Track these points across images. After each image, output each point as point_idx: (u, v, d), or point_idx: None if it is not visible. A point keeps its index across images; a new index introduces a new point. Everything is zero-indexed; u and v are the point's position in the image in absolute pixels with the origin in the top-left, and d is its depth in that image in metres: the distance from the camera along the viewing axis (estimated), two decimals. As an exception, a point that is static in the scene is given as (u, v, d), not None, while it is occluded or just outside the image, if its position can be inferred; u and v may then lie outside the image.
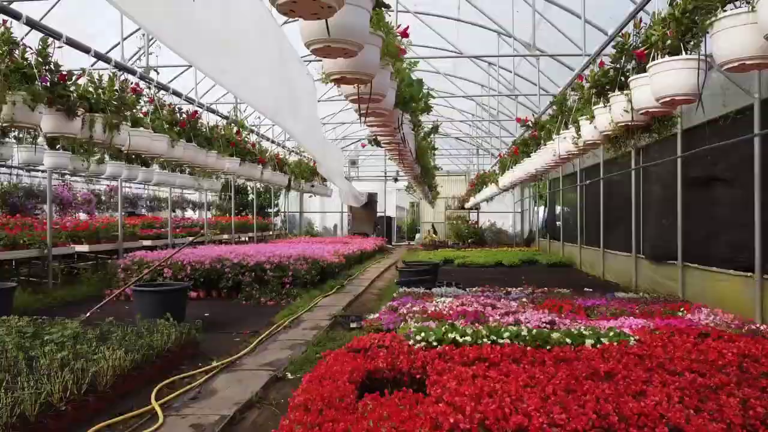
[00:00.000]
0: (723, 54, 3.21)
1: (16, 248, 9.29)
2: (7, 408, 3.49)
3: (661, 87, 3.84)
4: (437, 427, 3.15)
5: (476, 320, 6.38)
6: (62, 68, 4.92)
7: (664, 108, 4.07)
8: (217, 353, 6.04)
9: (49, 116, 4.99)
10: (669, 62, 3.61)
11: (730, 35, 3.00)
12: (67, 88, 4.97)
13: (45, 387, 3.91)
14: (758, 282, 6.73)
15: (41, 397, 3.79)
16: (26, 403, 3.67)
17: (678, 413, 3.33)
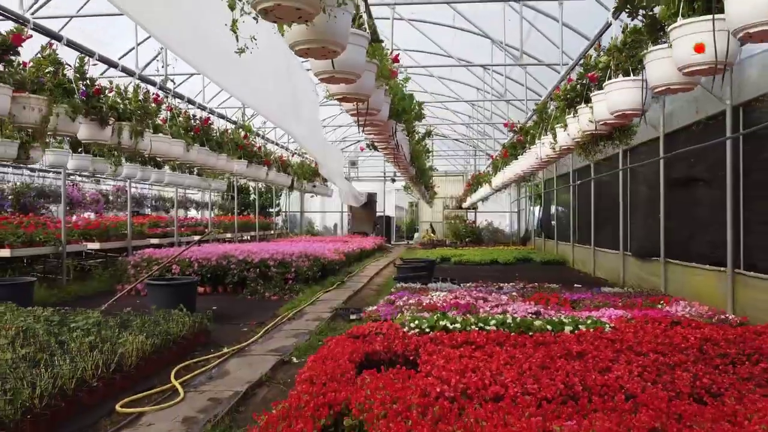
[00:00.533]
0: (653, 79, 3.78)
1: (33, 245, 9.78)
2: (50, 381, 3.98)
3: (614, 103, 4.49)
4: (426, 395, 3.64)
5: (467, 312, 6.86)
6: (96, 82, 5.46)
7: (618, 120, 4.63)
8: (226, 341, 6.53)
9: (85, 125, 5.53)
10: (619, 83, 4.22)
11: (657, 65, 3.55)
12: (100, 100, 5.50)
13: (79, 365, 4.40)
14: (730, 276, 7.22)
15: (77, 373, 4.28)
16: (65, 378, 4.16)
17: (636, 384, 3.83)
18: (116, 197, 16.78)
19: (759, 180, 6.84)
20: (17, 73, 4.63)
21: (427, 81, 15.30)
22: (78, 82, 5.29)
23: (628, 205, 11.27)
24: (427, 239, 25.72)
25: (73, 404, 4.13)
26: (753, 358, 4.57)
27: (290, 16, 2.18)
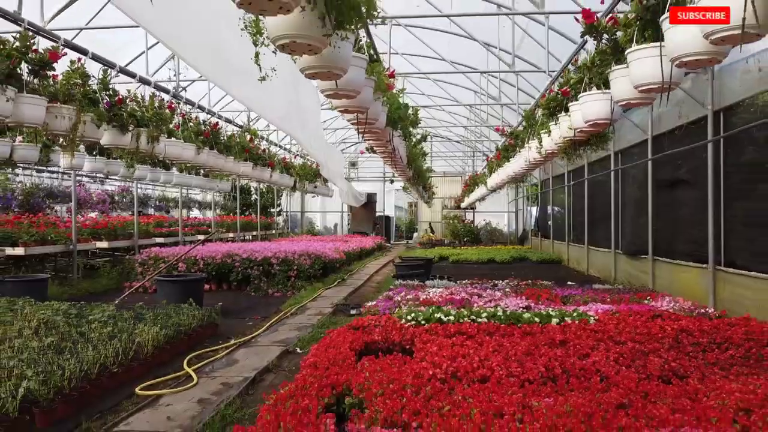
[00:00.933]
0: (616, 95, 4.29)
1: (45, 244, 10.16)
2: (77, 366, 4.36)
3: (587, 113, 5.04)
4: (419, 377, 4.02)
5: (462, 306, 7.23)
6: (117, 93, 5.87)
7: (592, 128, 5.05)
8: (233, 333, 6.91)
9: (108, 132, 5.92)
10: (591, 95, 4.66)
11: (619, 82, 3.96)
12: (121, 109, 5.90)
13: (101, 352, 4.78)
14: (711, 272, 7.60)
15: (100, 359, 4.66)
16: (89, 364, 4.54)
17: (611, 368, 4.21)
18: (121, 197, 17.16)
19: (738, 181, 7.22)
20: (51, 85, 5.03)
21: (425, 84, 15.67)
22: (102, 93, 5.69)
23: (620, 205, 11.65)
24: (426, 239, 26.10)
25: (96, 387, 4.51)
26: (723, 346, 4.94)
27: (302, 49, 2.55)
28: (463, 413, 3.26)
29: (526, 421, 3.14)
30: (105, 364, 4.74)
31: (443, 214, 28.86)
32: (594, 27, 3.84)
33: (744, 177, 7.12)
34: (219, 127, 8.94)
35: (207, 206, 23.21)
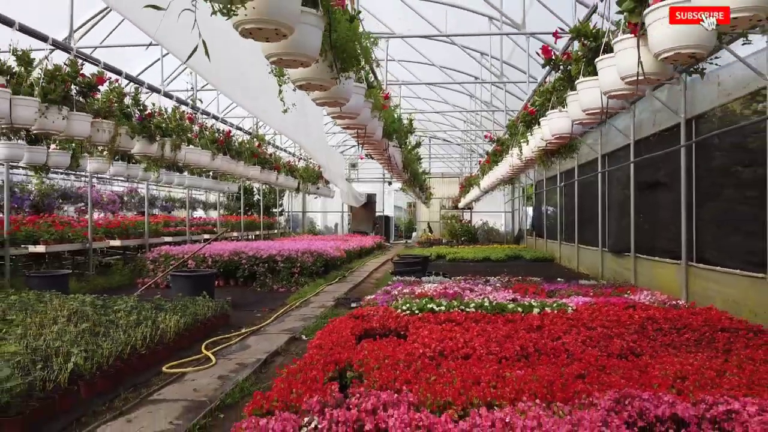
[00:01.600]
0: (571, 115, 4.99)
1: (63, 242, 10.79)
2: (114, 347, 4.99)
3: (552, 128, 5.86)
4: (411, 355, 4.65)
5: (454, 299, 7.86)
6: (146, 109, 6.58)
7: (558, 141, 5.74)
8: (244, 323, 7.54)
9: (139, 142, 6.59)
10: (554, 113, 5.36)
11: (573, 105, 4.64)
12: (150, 121, 6.57)
13: (131, 336, 5.41)
14: (684, 268, 8.23)
15: (130, 342, 5.29)
16: (122, 345, 5.17)
17: (577, 348, 4.84)
18: (130, 198, 17.80)
19: (708, 184, 7.85)
20: (95, 103, 5.68)
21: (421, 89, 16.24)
22: (134, 108, 6.34)
23: (606, 206, 12.28)
24: (424, 238, 26.73)
25: (128, 366, 5.14)
26: (681, 331, 5.57)
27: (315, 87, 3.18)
28: (447, 381, 3.89)
29: (499, 387, 3.77)
30: (135, 346, 5.38)
31: (441, 214, 29.50)
32: (551, 60, 4.49)
33: (713, 180, 7.74)
34: (231, 135, 9.62)
35: (210, 206, 23.85)
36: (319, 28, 2.79)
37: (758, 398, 3.39)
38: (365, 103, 4.53)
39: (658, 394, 3.43)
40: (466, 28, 10.01)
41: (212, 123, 9.22)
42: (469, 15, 10.09)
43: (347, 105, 3.97)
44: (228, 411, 4.27)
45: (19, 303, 7.05)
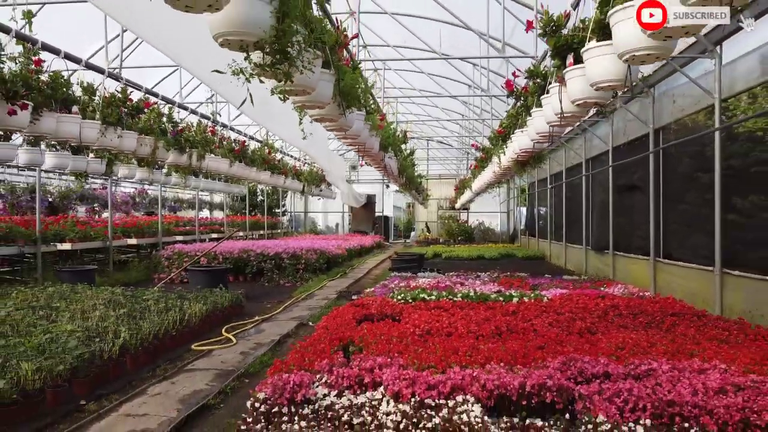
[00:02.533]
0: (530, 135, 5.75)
1: (86, 240, 11.70)
2: (153, 328, 5.89)
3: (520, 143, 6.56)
4: (403, 333, 5.54)
5: (444, 291, 8.75)
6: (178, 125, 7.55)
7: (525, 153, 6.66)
8: (256, 312, 8.44)
9: (172, 154, 7.53)
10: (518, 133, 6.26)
11: (531, 127, 5.53)
12: (181, 136, 7.51)
13: (164, 320, 6.30)
14: (652, 263, 9.12)
15: (163, 325, 6.19)
16: (158, 326, 6.06)
17: (544, 328, 5.73)
18: (141, 199, 18.72)
19: (672, 188, 8.73)
20: (140, 122, 6.62)
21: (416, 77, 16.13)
22: (168, 125, 7.27)
23: (590, 207, 13.17)
24: (422, 238, 27.62)
25: (163, 344, 6.04)
26: (638, 316, 6.45)
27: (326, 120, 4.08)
28: (431, 351, 4.79)
29: (473, 355, 4.66)
30: (167, 328, 6.27)
31: (439, 214, 30.39)
32: (513, 92, 5.40)
33: (676, 185, 8.64)
34: (246, 145, 10.59)
35: (216, 207, 24.76)
36: (332, 82, 3.69)
37: (674, 361, 4.29)
38: (365, 126, 5.43)
39: (596, 359, 4.34)
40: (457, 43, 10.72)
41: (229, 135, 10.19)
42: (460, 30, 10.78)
43: (350, 130, 4.86)
44: (251, 378, 5.16)
45: (57, 293, 7.94)
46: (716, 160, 6.96)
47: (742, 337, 5.31)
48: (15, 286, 8.93)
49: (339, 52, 3.79)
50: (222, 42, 2.63)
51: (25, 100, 4.76)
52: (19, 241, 9.80)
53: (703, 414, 3.34)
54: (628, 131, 10.15)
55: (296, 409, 3.64)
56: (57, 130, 5.83)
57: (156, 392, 4.65)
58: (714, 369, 4.10)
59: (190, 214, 25.51)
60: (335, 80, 3.76)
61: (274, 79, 3.12)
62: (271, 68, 2.79)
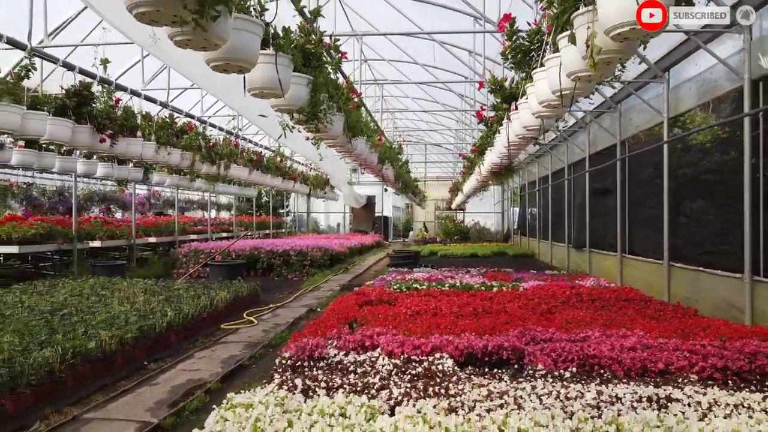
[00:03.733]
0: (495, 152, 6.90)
1: (113, 239, 12.92)
2: (190, 310, 7.10)
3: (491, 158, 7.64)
4: (396, 313, 6.76)
5: (434, 282, 9.95)
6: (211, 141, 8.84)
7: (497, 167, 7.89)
8: (270, 301, 9.65)
9: (205, 165, 8.80)
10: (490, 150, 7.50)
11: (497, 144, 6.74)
12: (213, 150, 8.77)
13: (198, 305, 7.51)
14: (619, 258, 10.34)
15: (197, 308, 7.40)
16: (193, 308, 7.28)
17: (513, 310, 6.94)
18: (155, 200, 19.95)
19: (636, 193, 9.95)
20: (182, 141, 7.89)
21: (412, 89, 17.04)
22: (202, 141, 8.54)
23: (572, 208, 14.39)
24: (420, 237, 28.83)
25: (197, 324, 7.25)
26: (595, 301, 7.66)
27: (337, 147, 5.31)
28: (418, 325, 6.00)
29: (452, 328, 5.87)
30: (200, 311, 7.49)
31: (436, 214, 31.59)
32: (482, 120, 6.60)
33: (639, 190, 9.85)
34: (263, 155, 11.88)
35: (223, 207, 25.98)
36: (342, 121, 4.89)
37: (608, 331, 5.51)
38: (366, 146, 6.64)
39: (547, 329, 5.55)
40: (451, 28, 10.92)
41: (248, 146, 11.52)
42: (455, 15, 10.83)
43: (355, 151, 6.07)
44: (274, 348, 6.38)
45: (99, 284, 9.16)
46: (665, 169, 8.18)
47: (672, 315, 6.53)
48: (55, 278, 10.13)
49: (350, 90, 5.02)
50: (276, 108, 3.87)
51: (109, 130, 6.12)
52: (59, 239, 11.02)
53: (614, 363, 4.56)
54: (600, 141, 11.37)
55: (314, 363, 4.85)
56: (126, 151, 7.28)
57: (201, 356, 5.88)
58: (634, 335, 5.32)
59: (198, 214, 26.79)
60: (344, 119, 4.95)
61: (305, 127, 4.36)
62: (306, 123, 4.00)
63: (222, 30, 2.66)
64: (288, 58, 3.45)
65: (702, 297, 7.25)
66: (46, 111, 5.96)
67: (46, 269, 12.11)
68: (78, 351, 4.92)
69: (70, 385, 4.75)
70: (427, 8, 9.89)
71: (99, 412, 4.25)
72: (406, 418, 3.22)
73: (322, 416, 3.32)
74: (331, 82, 4.28)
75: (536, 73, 3.95)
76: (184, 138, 8.23)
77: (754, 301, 6.04)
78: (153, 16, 2.43)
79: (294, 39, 3.63)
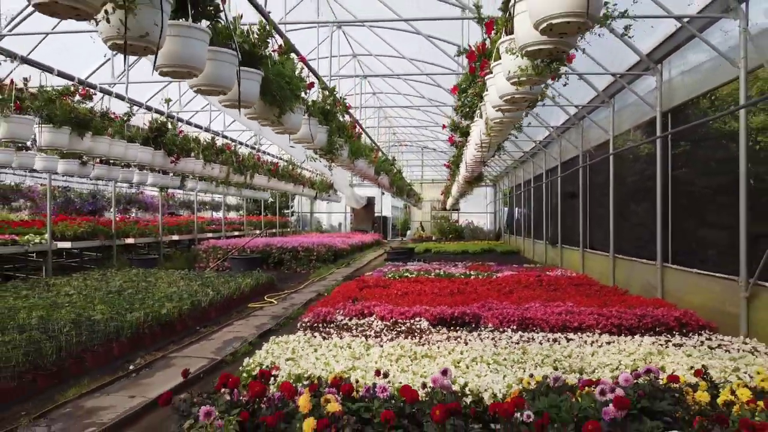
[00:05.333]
0: (467, 166, 8.68)
1: (144, 236, 14.71)
2: (226, 292, 8.89)
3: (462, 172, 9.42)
4: (389, 293, 8.55)
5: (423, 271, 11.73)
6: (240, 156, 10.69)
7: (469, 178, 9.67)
8: (285, 289, 11.43)
9: (235, 175, 10.64)
10: (463, 164, 9.31)
11: (468, 157, 8.55)
12: (243, 163, 10.61)
13: (229, 288, 9.29)
14: (581, 253, 12.13)
15: (228, 290, 9.19)
16: (226, 291, 9.06)
17: (482, 291, 8.72)
18: (173, 202, 21.76)
19: (594, 197, 11.72)
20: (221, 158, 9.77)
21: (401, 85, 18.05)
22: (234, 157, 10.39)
23: (548, 209, 16.17)
24: (417, 236, 30.59)
25: (230, 303, 9.04)
26: (551, 285, 9.43)
27: (344, 165, 7.14)
28: (405, 301, 7.79)
29: (432, 303, 7.66)
30: (231, 293, 9.28)
31: (432, 214, 33.37)
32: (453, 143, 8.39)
33: (596, 194, 11.63)
34: (279, 166, 13.74)
35: (232, 208, 27.76)
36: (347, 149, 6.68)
37: (547, 303, 7.29)
38: (365, 163, 8.42)
39: (502, 302, 7.34)
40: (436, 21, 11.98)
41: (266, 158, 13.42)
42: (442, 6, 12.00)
43: (356, 167, 7.85)
44: (293, 320, 8.16)
45: (141, 274, 10.94)
46: (611, 177, 9.97)
47: (606, 294, 8.30)
48: (101, 270, 11.91)
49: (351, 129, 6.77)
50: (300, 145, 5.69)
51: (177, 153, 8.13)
52: (100, 237, 12.81)
53: (543, 322, 6.34)
54: (566, 152, 13.16)
55: (326, 325, 6.62)
56: (184, 168, 9.35)
57: (239, 324, 7.67)
58: (565, 305, 7.11)
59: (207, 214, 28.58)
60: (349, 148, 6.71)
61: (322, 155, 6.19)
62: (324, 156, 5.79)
63: (293, 122, 4.51)
64: (316, 120, 5.25)
65: (633, 280, 9.04)
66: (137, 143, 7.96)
67: (88, 263, 13.90)
68: (153, 316, 6.71)
69: (150, 340, 6.54)
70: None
71: (178, 354, 6.03)
72: (389, 347, 5.00)
73: (336, 347, 5.10)
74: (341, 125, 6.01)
75: (476, 122, 5.68)
76: (222, 155, 10.07)
77: (663, 282, 7.83)
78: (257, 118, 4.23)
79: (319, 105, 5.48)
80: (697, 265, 6.97)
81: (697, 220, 7.24)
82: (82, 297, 7.73)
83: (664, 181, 7.79)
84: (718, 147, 6.95)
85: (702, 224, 7.11)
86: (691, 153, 7.57)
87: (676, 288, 7.56)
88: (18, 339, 5.02)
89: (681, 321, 6.20)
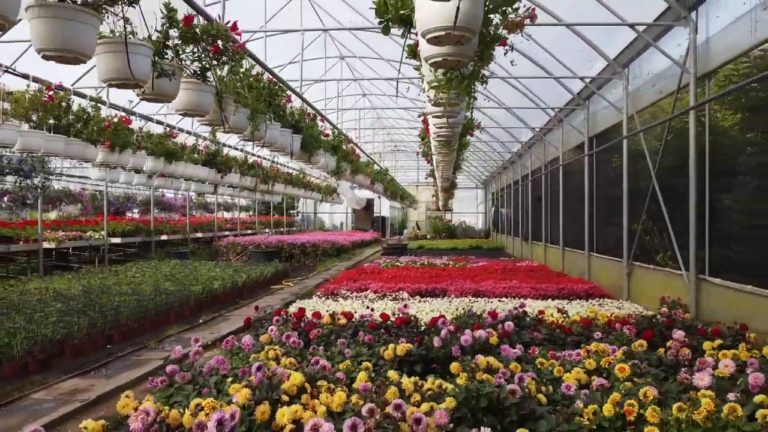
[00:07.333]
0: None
1: (175, 234, 17.15)
2: (254, 276, 11.32)
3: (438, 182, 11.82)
4: (382, 277, 10.98)
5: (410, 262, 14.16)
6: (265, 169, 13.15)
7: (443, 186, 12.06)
8: (297, 277, 13.87)
9: (260, 184, 13.12)
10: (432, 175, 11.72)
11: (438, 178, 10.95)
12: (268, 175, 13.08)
13: (252, 275, 11.73)
14: (543, 247, 14.55)
15: (253, 276, 11.62)
16: (255, 276, 11.49)
17: (454, 275, 11.14)
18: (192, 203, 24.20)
19: (552, 200, 14.14)
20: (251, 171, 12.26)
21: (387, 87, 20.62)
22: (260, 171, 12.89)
23: (524, 210, 18.60)
24: (413, 234, 33.01)
25: (256, 285, 11.47)
26: (512, 271, 11.85)
27: (345, 178, 9.54)
28: (393, 282, 10.23)
29: (414, 283, 10.09)
30: (256, 278, 11.71)
31: (427, 215, 35.79)
32: (429, 161, 10.84)
33: (553, 198, 14.04)
34: (291, 174, 16.24)
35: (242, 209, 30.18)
36: (349, 168, 9.12)
37: (498, 281, 9.72)
38: (362, 176, 10.82)
39: (465, 281, 9.78)
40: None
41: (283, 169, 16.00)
42: None
43: (355, 179, 10.26)
44: (308, 296, 10.58)
45: (180, 264, 13.37)
46: (560, 186, 12.39)
47: (549, 277, 10.71)
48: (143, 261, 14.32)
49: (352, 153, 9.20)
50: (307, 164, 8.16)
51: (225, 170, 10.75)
52: (141, 234, 15.26)
53: (489, 293, 8.77)
54: (534, 162, 15.60)
55: (334, 297, 9.05)
56: (229, 180, 11.66)
57: (268, 298, 10.12)
58: (511, 282, 9.53)
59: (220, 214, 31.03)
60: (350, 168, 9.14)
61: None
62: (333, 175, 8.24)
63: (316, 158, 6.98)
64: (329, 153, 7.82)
65: (574, 267, 11.48)
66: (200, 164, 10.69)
67: (131, 256, 16.35)
68: (208, 290, 9.15)
69: (206, 306, 8.99)
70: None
71: (230, 314, 8.47)
72: (379, 305, 7.43)
73: (341, 306, 7.52)
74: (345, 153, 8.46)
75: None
76: (251, 170, 12.51)
77: (590, 266, 10.27)
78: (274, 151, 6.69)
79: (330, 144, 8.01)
80: (607, 253, 9.42)
81: (607, 220, 9.68)
82: (147, 277, 10.16)
83: (590, 188, 10.22)
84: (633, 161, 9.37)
85: (609, 223, 9.55)
86: (611, 165, 10.00)
87: (596, 270, 10.01)
88: (129, 300, 7.47)
89: (588, 292, 8.63)
